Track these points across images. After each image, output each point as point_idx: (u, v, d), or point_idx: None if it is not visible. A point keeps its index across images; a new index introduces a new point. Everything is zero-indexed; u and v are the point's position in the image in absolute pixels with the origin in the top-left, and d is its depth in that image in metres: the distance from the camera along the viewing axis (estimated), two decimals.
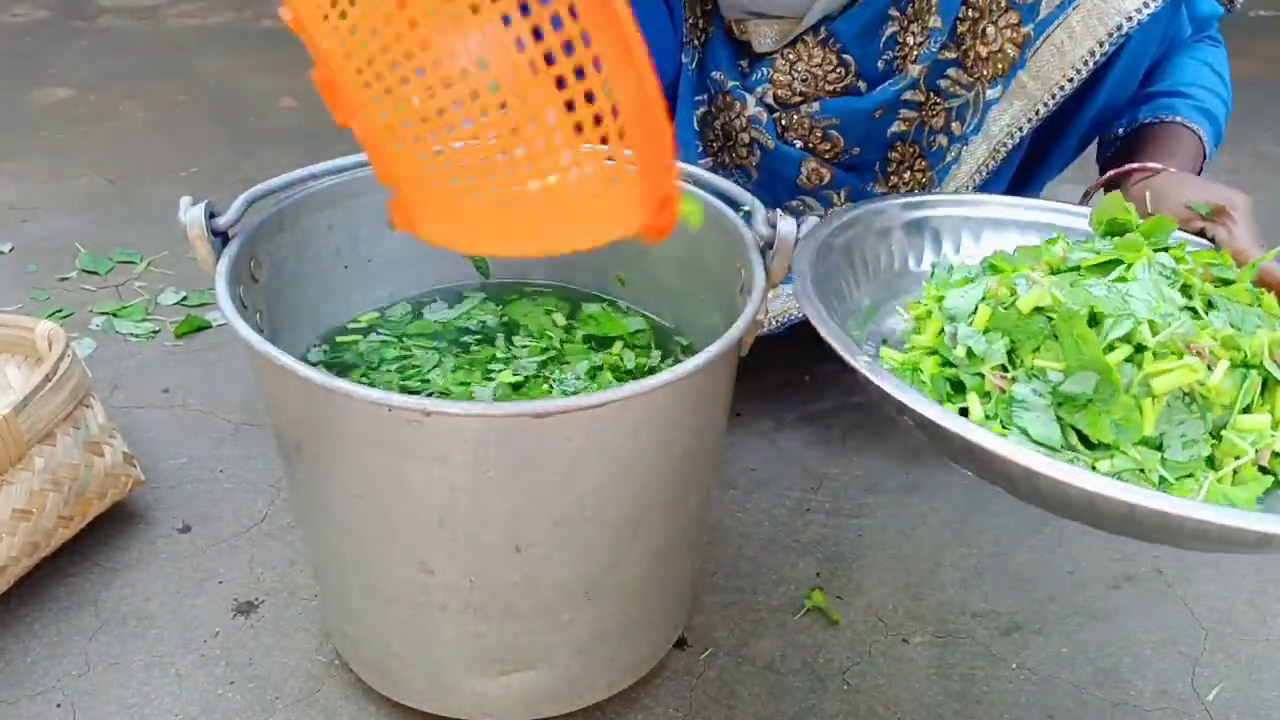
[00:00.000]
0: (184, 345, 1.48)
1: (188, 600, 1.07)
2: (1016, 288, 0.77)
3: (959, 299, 0.79)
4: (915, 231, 0.97)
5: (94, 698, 0.97)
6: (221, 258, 0.85)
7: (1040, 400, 0.70)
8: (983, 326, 0.76)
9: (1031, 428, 0.70)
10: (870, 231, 0.93)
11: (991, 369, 0.73)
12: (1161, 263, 0.80)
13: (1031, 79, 1.06)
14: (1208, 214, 0.96)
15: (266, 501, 1.20)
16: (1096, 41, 1.03)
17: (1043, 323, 0.73)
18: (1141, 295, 0.73)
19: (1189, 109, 1.14)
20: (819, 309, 0.74)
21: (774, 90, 1.21)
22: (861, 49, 1.17)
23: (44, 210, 1.85)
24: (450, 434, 0.72)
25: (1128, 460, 0.69)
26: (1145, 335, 0.71)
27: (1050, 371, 0.71)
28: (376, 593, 0.85)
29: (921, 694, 0.99)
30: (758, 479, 1.25)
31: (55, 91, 2.38)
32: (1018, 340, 0.74)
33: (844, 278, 0.89)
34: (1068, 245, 0.87)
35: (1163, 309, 0.73)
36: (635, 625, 0.91)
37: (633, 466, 0.77)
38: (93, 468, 1.07)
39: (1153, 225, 0.90)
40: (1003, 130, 1.09)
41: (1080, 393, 0.69)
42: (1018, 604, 1.09)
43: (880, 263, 0.94)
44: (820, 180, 1.24)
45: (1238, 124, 2.42)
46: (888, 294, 0.93)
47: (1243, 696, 1.00)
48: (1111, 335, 0.70)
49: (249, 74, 2.52)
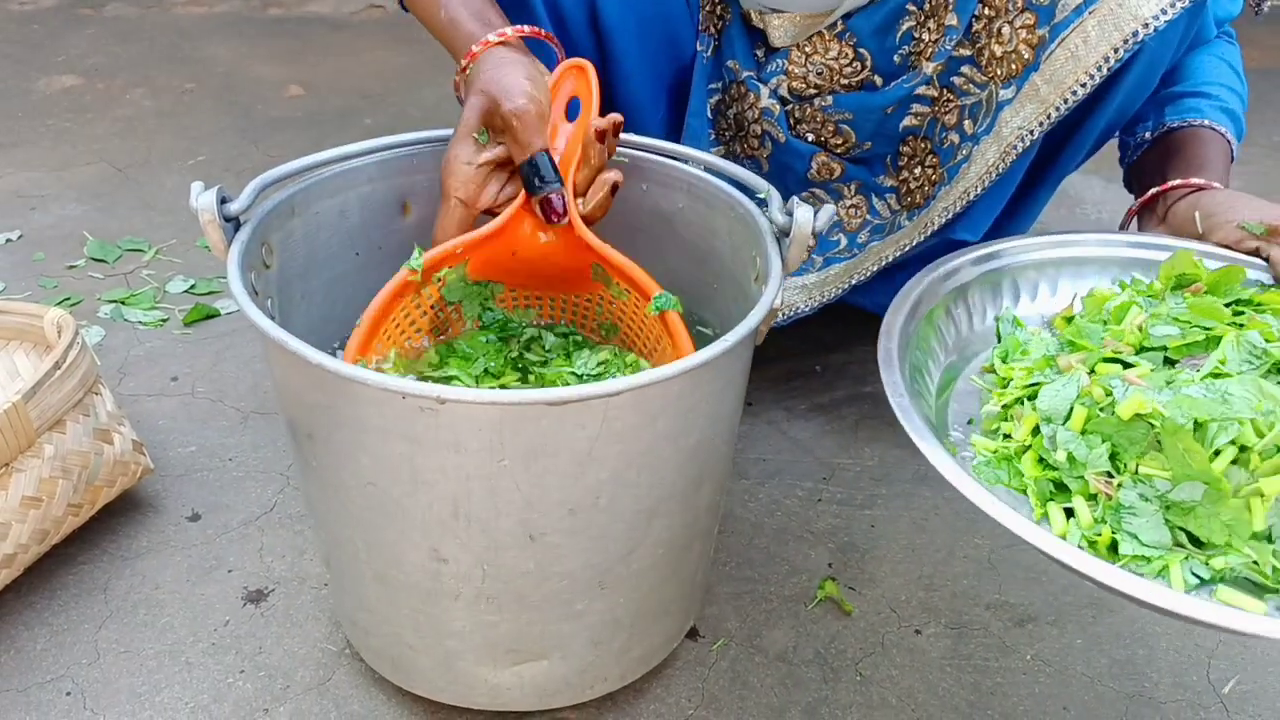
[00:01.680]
0: (192, 333, 1.48)
1: (197, 589, 1.07)
2: (1112, 389, 0.77)
3: (1053, 397, 0.79)
4: (989, 285, 0.96)
5: (104, 686, 0.97)
6: (233, 244, 0.85)
7: (1149, 506, 0.71)
8: (1079, 429, 0.76)
9: (1142, 533, 0.71)
10: (939, 294, 0.92)
11: (1095, 474, 0.74)
12: (1251, 342, 0.80)
13: (1045, 82, 1.05)
14: (1262, 234, 0.95)
15: (276, 490, 1.19)
16: (1111, 48, 1.01)
17: (1144, 429, 0.73)
18: (1241, 393, 0.73)
19: (1214, 110, 1.13)
20: (923, 432, 0.74)
21: (789, 82, 1.20)
22: (878, 44, 1.16)
23: (52, 198, 1.84)
24: (465, 422, 0.71)
25: (1240, 556, 0.70)
26: (1250, 438, 0.71)
27: (1157, 479, 0.72)
28: (388, 581, 0.85)
29: (935, 685, 0.99)
30: (769, 469, 1.25)
31: (62, 79, 2.38)
32: (1119, 445, 0.74)
33: (925, 358, 0.88)
34: (1142, 310, 0.87)
35: (1263, 406, 0.73)
36: (648, 615, 0.90)
37: (648, 455, 0.77)
38: (102, 455, 1.07)
39: (1220, 277, 0.90)
40: (1014, 133, 1.09)
41: (1189, 500, 0.70)
42: (1032, 595, 1.08)
43: (959, 327, 0.94)
44: (830, 174, 1.23)
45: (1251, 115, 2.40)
46: (961, 357, 0.92)
47: (1259, 689, 0.99)
48: (1218, 442, 0.71)
49: (256, 62, 2.51)
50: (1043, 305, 0.98)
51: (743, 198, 0.94)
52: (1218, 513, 0.70)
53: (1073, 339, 0.88)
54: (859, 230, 1.24)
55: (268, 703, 0.95)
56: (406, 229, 1.03)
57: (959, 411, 0.86)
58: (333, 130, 2.16)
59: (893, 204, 1.22)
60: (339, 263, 1.00)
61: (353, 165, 0.97)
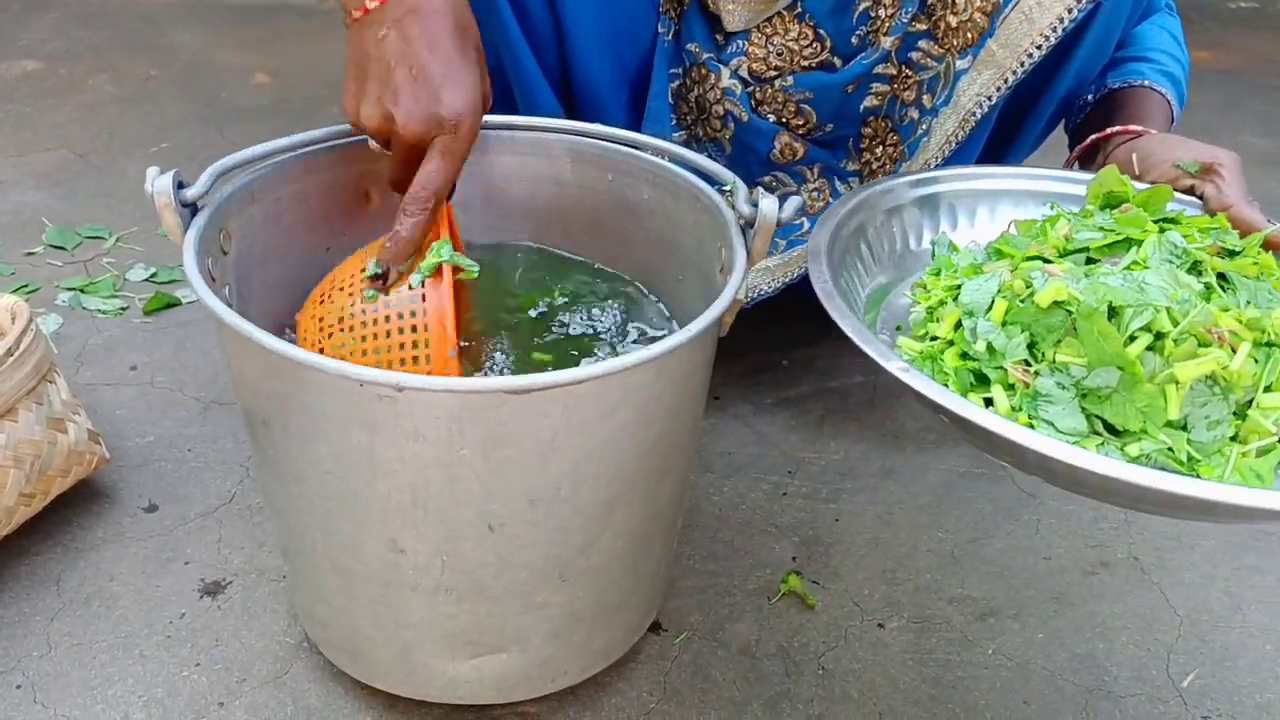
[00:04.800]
0: (153, 322, 1.46)
1: (153, 580, 1.05)
2: (1032, 280, 0.77)
3: (975, 291, 0.80)
4: (927, 208, 0.97)
5: (55, 679, 0.95)
6: (190, 229, 0.83)
7: (1065, 393, 0.72)
8: (1000, 320, 0.77)
9: (1058, 420, 0.71)
10: (878, 212, 0.94)
11: (1014, 364, 0.74)
12: (1172, 242, 0.80)
13: (1000, 47, 1.06)
14: (1196, 172, 0.96)
15: (235, 481, 1.18)
16: (1065, 8, 1.03)
17: (1061, 317, 0.74)
18: (1157, 282, 0.74)
19: (1155, 73, 1.15)
20: (843, 310, 0.74)
21: (749, 64, 1.20)
22: (835, 25, 1.17)
23: (10, 184, 1.81)
24: (423, 410, 0.70)
25: (1155, 443, 0.70)
26: (1165, 324, 0.72)
27: (1073, 366, 0.72)
28: (346, 572, 0.83)
29: (897, 679, 0.99)
30: (734, 463, 1.24)
31: (23, 64, 2.33)
32: (1037, 334, 0.75)
33: (855, 264, 0.89)
34: (1070, 223, 0.87)
35: (1179, 295, 0.74)
36: (609, 608, 0.89)
37: (609, 446, 0.76)
38: (56, 444, 1.05)
39: (1149, 195, 0.90)
40: (972, 100, 1.10)
41: (1104, 385, 0.71)
42: (994, 590, 1.09)
43: (895, 243, 0.95)
44: (793, 155, 1.23)
45: (1219, 116, 2.43)
46: (897, 274, 0.94)
47: (1217, 683, 1.00)
48: (1132, 327, 0.71)
49: (221, 49, 2.48)
50: (980, 232, 0.99)
51: (708, 188, 0.94)
52: (1133, 399, 0.70)
53: (1000, 248, 0.89)
54: (822, 213, 1.24)
55: (223, 696, 0.94)
56: (371, 216, 1.02)
57: (888, 319, 0.88)
58: (299, 119, 2.13)
59: (855, 187, 1.22)
60: (300, 250, 0.99)
61: (314, 151, 0.96)
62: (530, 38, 1.17)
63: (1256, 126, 2.27)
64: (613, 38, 1.21)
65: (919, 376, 0.68)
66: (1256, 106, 2.36)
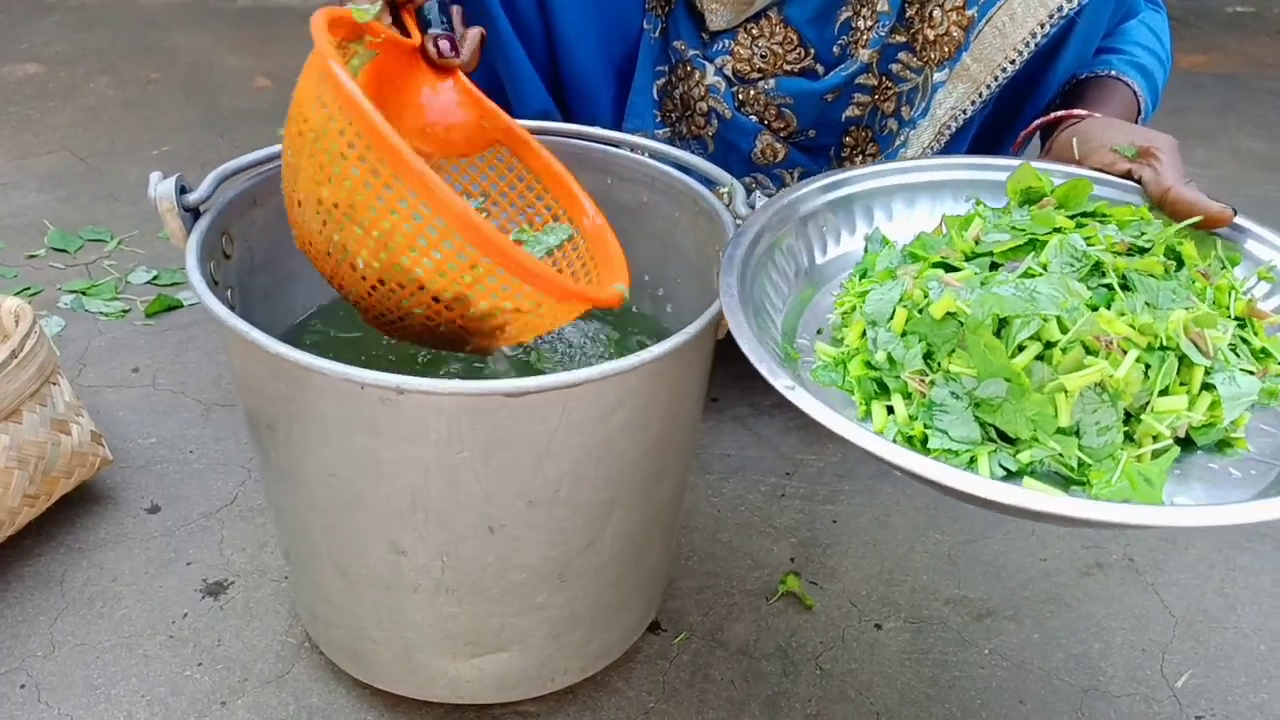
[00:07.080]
0: (154, 325, 1.47)
1: (156, 581, 1.06)
2: (929, 290, 0.78)
3: (878, 301, 0.81)
4: (842, 210, 0.95)
5: (59, 678, 0.95)
6: (192, 233, 0.84)
7: (958, 403, 0.73)
8: (900, 330, 0.78)
9: (952, 429, 0.73)
10: (792, 221, 0.91)
11: (911, 374, 0.75)
12: (1073, 245, 0.81)
13: (975, 61, 1.07)
14: (1133, 156, 0.96)
15: (237, 482, 1.19)
16: (1038, 23, 1.04)
17: (954, 327, 0.75)
18: (1048, 291, 0.75)
19: (1122, 63, 1.14)
20: (741, 324, 0.74)
21: (734, 64, 1.21)
22: (817, 33, 1.18)
23: (12, 187, 1.82)
24: (424, 412, 0.71)
25: (1046, 450, 0.71)
26: (1055, 333, 0.72)
27: (964, 376, 0.73)
28: (348, 574, 0.84)
29: (894, 679, 1.00)
30: (733, 464, 1.25)
31: (25, 67, 2.34)
32: (933, 344, 0.76)
33: (771, 276, 0.87)
34: (984, 223, 0.87)
35: (1069, 304, 0.74)
36: (609, 608, 0.90)
37: (608, 447, 0.77)
38: (59, 446, 1.06)
39: (1068, 189, 0.90)
40: (947, 113, 1.11)
41: (994, 395, 0.72)
42: (990, 590, 1.09)
43: (812, 251, 0.92)
44: (774, 157, 1.25)
45: (1216, 119, 2.43)
46: (822, 279, 0.92)
47: (1210, 683, 1.01)
48: (1020, 337, 0.72)
49: (223, 53, 2.49)
50: (919, 223, 0.96)
51: (706, 192, 0.94)
52: (1022, 408, 0.71)
53: (915, 251, 0.88)
54: None
55: (225, 695, 0.95)
56: None
57: (810, 321, 0.87)
58: None
59: None
60: (301, 254, 0.99)
61: None
62: (519, 31, 1.18)
63: (1253, 130, 2.28)
64: (601, 31, 1.22)
65: (802, 395, 0.69)
66: (1253, 110, 2.37)
